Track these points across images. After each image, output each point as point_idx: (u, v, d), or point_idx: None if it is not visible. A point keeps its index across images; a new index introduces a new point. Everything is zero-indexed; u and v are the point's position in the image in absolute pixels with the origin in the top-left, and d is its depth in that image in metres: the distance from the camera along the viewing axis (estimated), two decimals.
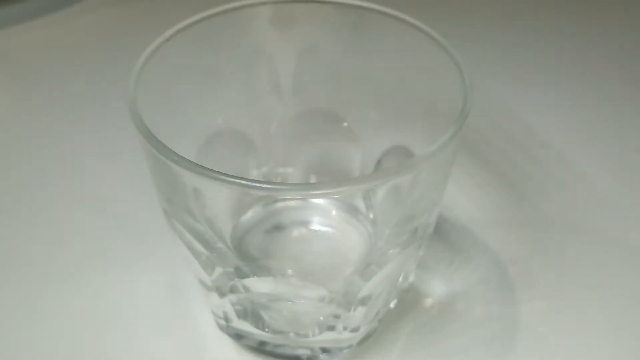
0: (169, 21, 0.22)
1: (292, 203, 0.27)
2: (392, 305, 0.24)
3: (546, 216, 0.30)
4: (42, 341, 0.25)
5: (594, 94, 0.37)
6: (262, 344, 0.24)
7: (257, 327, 0.23)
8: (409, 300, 0.26)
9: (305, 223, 0.26)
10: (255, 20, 0.24)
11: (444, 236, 0.28)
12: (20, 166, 0.32)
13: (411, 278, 0.26)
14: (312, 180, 0.27)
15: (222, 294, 0.22)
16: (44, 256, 0.28)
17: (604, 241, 0.28)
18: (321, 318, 0.22)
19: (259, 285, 0.22)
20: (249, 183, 0.17)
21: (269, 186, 0.18)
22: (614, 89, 0.37)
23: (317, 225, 0.26)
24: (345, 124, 0.26)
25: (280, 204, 0.27)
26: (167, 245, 0.25)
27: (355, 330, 0.23)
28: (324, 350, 0.23)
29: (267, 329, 0.23)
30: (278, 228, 0.26)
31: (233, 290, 0.22)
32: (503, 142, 0.33)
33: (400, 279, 0.23)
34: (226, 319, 0.23)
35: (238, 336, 0.24)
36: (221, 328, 0.24)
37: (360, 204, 0.26)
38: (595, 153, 0.33)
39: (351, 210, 0.26)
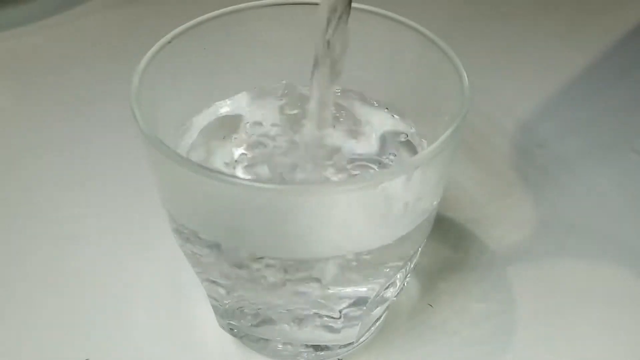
0: (171, 24, 0.22)
1: (291, 203, 0.27)
2: (391, 304, 0.24)
3: (545, 216, 0.30)
4: (42, 339, 0.25)
5: (593, 94, 0.37)
6: (262, 342, 0.24)
7: (257, 325, 0.23)
8: (408, 299, 0.26)
9: (304, 223, 0.26)
10: (256, 23, 0.24)
11: (443, 236, 0.28)
12: (22, 167, 0.32)
13: (410, 277, 0.26)
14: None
15: (222, 293, 0.22)
16: (44, 255, 0.28)
17: (603, 241, 0.29)
18: (321, 317, 0.22)
19: (259, 284, 0.22)
20: (249, 183, 0.17)
21: (269, 186, 0.18)
22: (613, 89, 0.37)
23: (316, 224, 0.26)
24: (345, 123, 0.26)
25: (279, 204, 0.27)
26: (168, 244, 0.25)
27: (354, 329, 0.23)
28: (323, 349, 0.24)
29: (267, 327, 0.23)
30: (277, 228, 0.26)
31: (233, 289, 0.22)
32: (502, 142, 0.33)
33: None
34: (227, 317, 0.24)
35: (238, 334, 0.24)
36: (222, 326, 0.24)
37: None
38: (594, 153, 0.33)
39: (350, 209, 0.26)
